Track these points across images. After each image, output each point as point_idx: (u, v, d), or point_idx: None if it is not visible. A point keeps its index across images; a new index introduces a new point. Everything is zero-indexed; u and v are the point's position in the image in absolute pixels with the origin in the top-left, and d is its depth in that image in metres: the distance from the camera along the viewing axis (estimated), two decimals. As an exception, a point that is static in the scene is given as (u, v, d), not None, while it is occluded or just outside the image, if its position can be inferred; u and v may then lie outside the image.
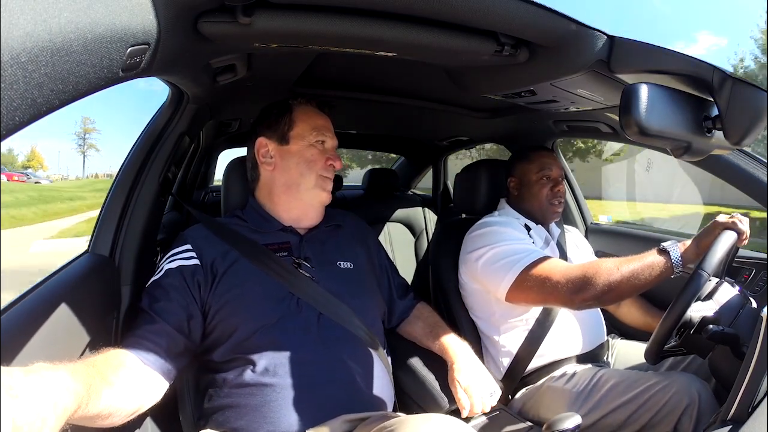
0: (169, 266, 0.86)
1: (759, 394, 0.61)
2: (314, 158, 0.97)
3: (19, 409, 0.41)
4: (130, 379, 0.70)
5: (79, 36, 0.40)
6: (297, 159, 0.97)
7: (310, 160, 0.97)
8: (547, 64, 0.86)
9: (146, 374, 0.75)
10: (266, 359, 0.82)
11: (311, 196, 0.98)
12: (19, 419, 0.41)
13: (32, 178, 31.28)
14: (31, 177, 32.02)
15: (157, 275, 0.86)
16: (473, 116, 1.54)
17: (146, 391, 0.74)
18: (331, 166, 0.99)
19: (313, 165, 0.97)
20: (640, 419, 0.93)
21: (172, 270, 0.86)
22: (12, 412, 0.41)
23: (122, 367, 0.70)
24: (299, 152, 0.97)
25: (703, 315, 0.81)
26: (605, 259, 0.96)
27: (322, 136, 0.99)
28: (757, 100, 0.63)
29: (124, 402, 0.67)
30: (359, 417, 0.79)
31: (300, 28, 0.70)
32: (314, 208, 1.01)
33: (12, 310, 0.62)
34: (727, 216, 0.91)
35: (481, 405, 0.89)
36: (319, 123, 1.00)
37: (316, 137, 0.98)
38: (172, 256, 0.88)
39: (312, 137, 0.98)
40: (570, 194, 1.71)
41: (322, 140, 0.99)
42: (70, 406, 0.49)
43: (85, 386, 0.55)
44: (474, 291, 1.21)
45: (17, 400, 0.42)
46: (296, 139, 0.98)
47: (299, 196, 0.98)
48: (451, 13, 0.68)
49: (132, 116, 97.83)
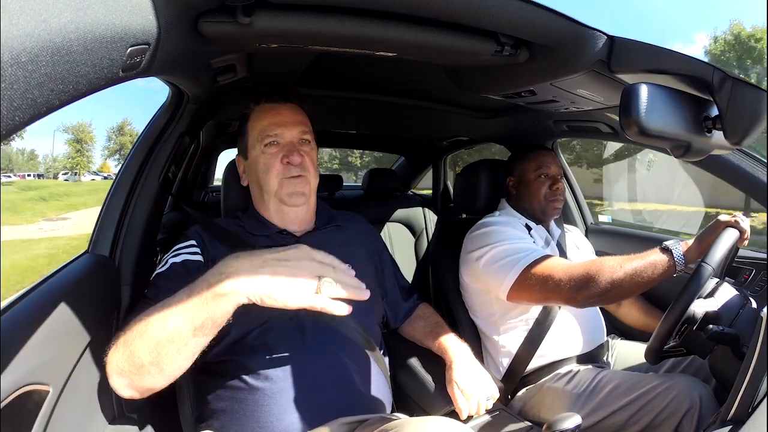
0: (174, 260, 0.86)
1: (759, 394, 0.61)
2: (267, 166, 0.92)
3: None
4: None
5: (79, 36, 0.40)
6: (255, 170, 0.95)
7: (264, 171, 0.93)
8: (547, 64, 0.86)
9: None
10: (259, 362, 0.81)
11: (278, 203, 0.95)
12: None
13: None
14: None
15: (162, 267, 0.86)
16: (473, 116, 1.54)
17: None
18: (288, 164, 0.92)
19: (268, 174, 0.93)
20: (640, 421, 0.93)
21: (177, 263, 0.86)
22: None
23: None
24: (254, 164, 0.94)
25: (705, 310, 0.81)
26: (608, 258, 0.96)
27: (270, 137, 0.93)
28: (757, 100, 0.63)
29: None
30: (357, 419, 0.79)
31: (300, 28, 0.70)
32: (290, 212, 0.96)
33: (12, 310, 0.62)
34: (729, 215, 0.92)
35: (478, 407, 0.89)
36: (265, 123, 0.94)
37: (264, 141, 0.93)
38: (177, 250, 0.89)
39: (260, 144, 0.93)
40: (570, 194, 1.71)
41: (273, 140, 0.93)
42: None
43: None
44: (474, 291, 1.21)
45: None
46: (250, 150, 0.95)
47: (268, 205, 0.96)
48: (451, 13, 0.68)
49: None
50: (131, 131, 23.95)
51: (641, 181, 5.16)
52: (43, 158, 42.04)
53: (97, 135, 38.83)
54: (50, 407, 0.63)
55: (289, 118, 0.95)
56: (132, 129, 23.15)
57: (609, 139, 1.43)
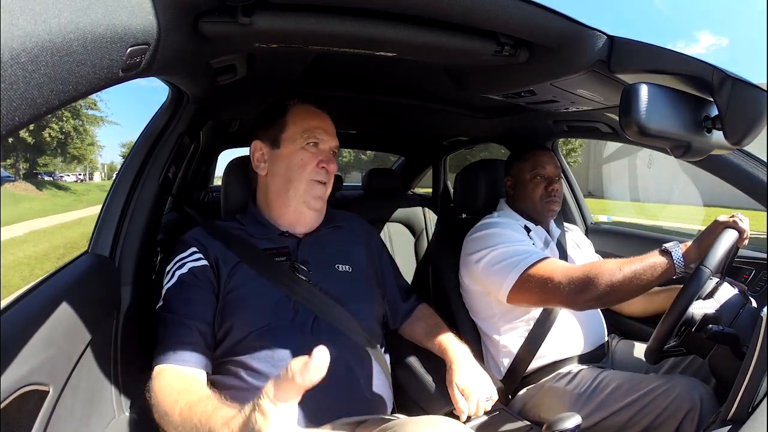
0: (180, 271, 0.87)
1: (759, 394, 0.61)
2: (304, 163, 0.94)
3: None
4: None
5: (79, 36, 0.40)
6: (287, 164, 0.94)
7: (300, 165, 0.94)
8: (547, 64, 0.86)
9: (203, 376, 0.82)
10: (260, 363, 0.81)
11: (301, 203, 0.95)
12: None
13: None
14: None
15: (171, 281, 0.87)
16: (473, 116, 1.54)
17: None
18: (323, 170, 0.95)
19: (302, 170, 0.94)
20: (641, 422, 0.93)
21: (185, 274, 0.86)
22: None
23: (203, 384, 0.78)
24: (289, 156, 0.94)
25: (704, 312, 0.81)
26: (607, 260, 0.96)
27: (315, 138, 0.95)
28: (757, 100, 0.63)
29: None
30: (357, 420, 0.79)
31: (300, 28, 0.70)
32: (307, 214, 0.98)
33: (12, 310, 0.62)
34: (727, 215, 0.92)
35: (477, 408, 0.89)
36: (313, 124, 0.96)
37: (308, 139, 0.94)
38: (181, 260, 0.88)
39: (302, 140, 0.94)
40: (569, 194, 1.71)
41: (315, 142, 0.95)
42: None
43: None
44: (475, 292, 1.21)
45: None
46: (287, 142, 0.95)
47: (289, 202, 0.96)
48: (450, 13, 0.68)
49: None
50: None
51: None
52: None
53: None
54: (50, 407, 0.63)
55: (331, 128, 1.00)
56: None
57: (609, 139, 1.43)
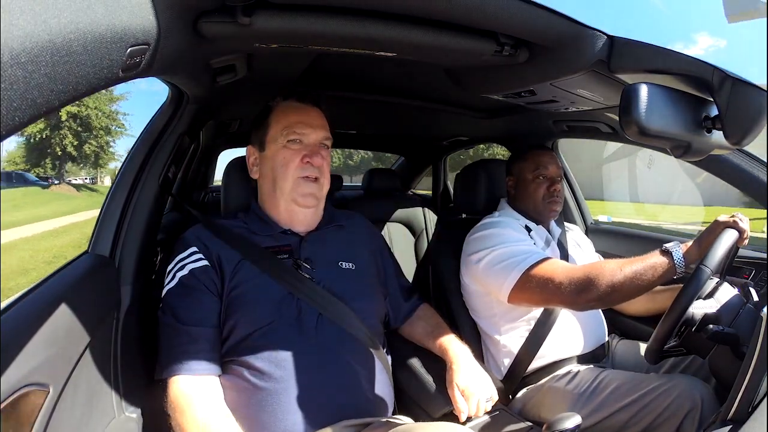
0: (181, 273, 0.87)
1: (759, 394, 0.61)
2: (286, 161, 0.93)
3: None
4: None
5: (79, 36, 0.40)
6: (271, 165, 0.95)
7: (282, 164, 0.93)
8: (547, 64, 0.86)
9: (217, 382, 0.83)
10: (263, 361, 0.81)
11: (290, 201, 0.95)
12: None
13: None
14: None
15: (172, 283, 0.87)
16: (473, 116, 1.54)
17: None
18: (308, 164, 0.93)
19: (285, 169, 0.93)
20: (641, 422, 0.93)
21: (186, 276, 0.86)
22: None
23: (218, 394, 0.80)
24: (273, 157, 0.94)
25: (704, 312, 0.81)
26: (608, 260, 0.96)
27: (295, 134, 0.93)
28: (757, 100, 0.63)
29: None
30: (361, 422, 0.79)
31: (300, 28, 0.70)
32: (299, 212, 0.96)
33: (12, 310, 0.62)
34: (727, 215, 0.92)
35: (477, 409, 0.88)
36: (293, 120, 0.94)
37: (288, 137, 0.93)
38: (181, 261, 0.88)
39: (283, 138, 0.93)
40: (570, 194, 1.71)
41: (297, 138, 0.94)
42: None
43: None
44: (475, 292, 1.21)
45: None
46: (270, 143, 0.95)
47: (279, 203, 0.96)
48: (450, 13, 0.68)
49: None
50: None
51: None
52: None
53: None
54: (50, 408, 0.63)
55: (316, 120, 0.97)
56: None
57: (609, 139, 1.43)
